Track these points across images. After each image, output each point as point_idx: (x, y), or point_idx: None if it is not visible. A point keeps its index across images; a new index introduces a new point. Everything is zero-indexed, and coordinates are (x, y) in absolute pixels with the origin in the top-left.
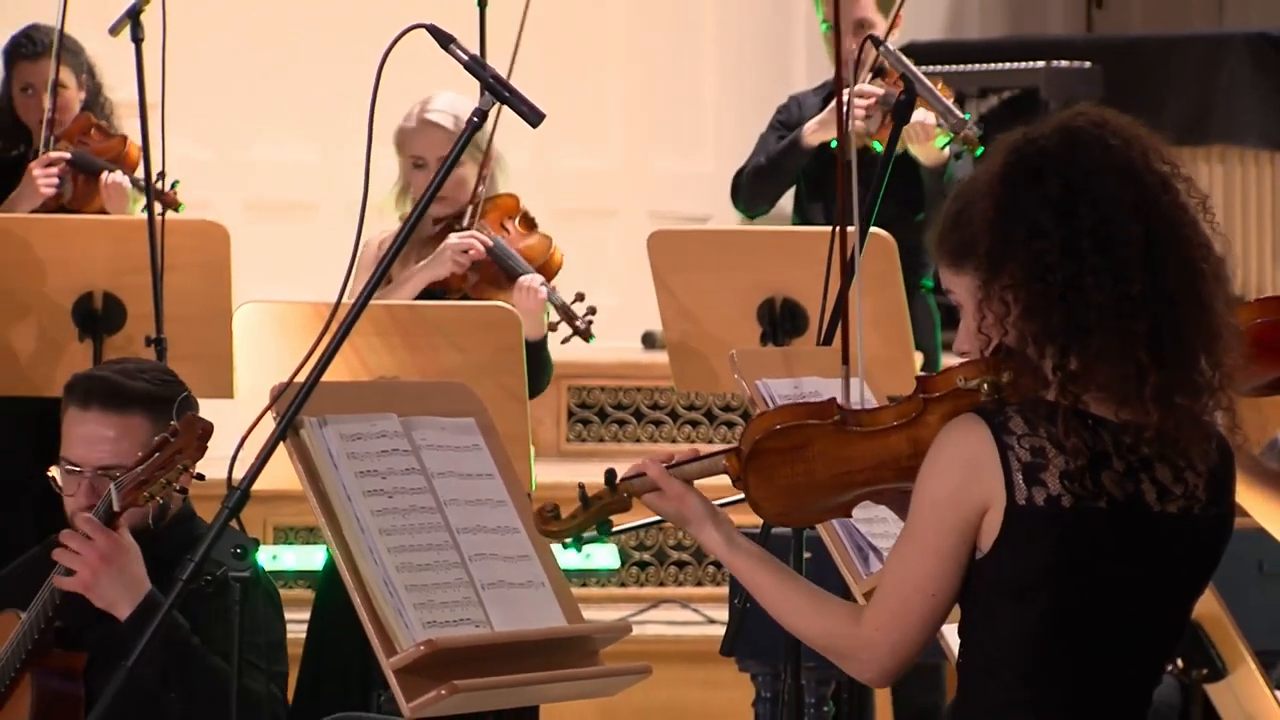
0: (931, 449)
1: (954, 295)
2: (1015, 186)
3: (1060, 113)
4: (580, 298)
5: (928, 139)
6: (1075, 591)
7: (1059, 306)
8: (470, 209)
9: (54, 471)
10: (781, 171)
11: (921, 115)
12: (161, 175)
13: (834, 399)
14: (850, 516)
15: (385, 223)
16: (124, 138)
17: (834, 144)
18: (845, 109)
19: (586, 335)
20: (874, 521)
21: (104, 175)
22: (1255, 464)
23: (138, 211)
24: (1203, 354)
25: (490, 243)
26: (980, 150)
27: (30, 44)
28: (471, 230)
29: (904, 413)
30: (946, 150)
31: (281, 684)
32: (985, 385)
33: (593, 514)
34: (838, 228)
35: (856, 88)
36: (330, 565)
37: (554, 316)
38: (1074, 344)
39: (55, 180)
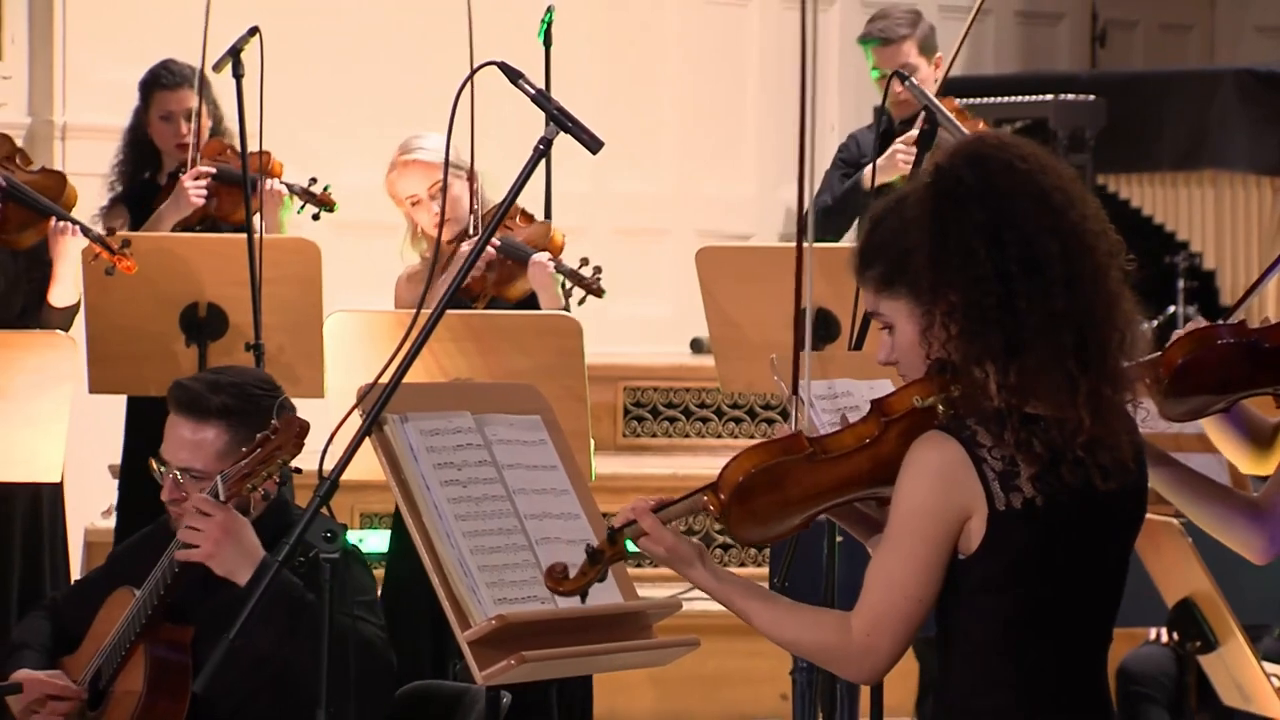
0: (907, 465)
1: (882, 316)
2: (944, 219)
3: (963, 140)
4: (585, 262)
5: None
6: (1048, 578)
7: (996, 327)
8: (470, 220)
9: (153, 462)
10: (846, 210)
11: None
12: (314, 180)
13: (800, 432)
14: (809, 529)
15: (408, 256)
16: (264, 152)
17: (896, 182)
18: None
19: (599, 291)
20: None
21: (265, 184)
22: (1187, 474)
23: (292, 214)
24: (1119, 351)
25: (498, 242)
26: None
27: (169, 75)
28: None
29: (865, 434)
30: None
31: (386, 634)
32: (940, 403)
33: (598, 570)
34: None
35: (903, 139)
36: (396, 548)
37: (565, 283)
38: (1012, 359)
39: (204, 191)
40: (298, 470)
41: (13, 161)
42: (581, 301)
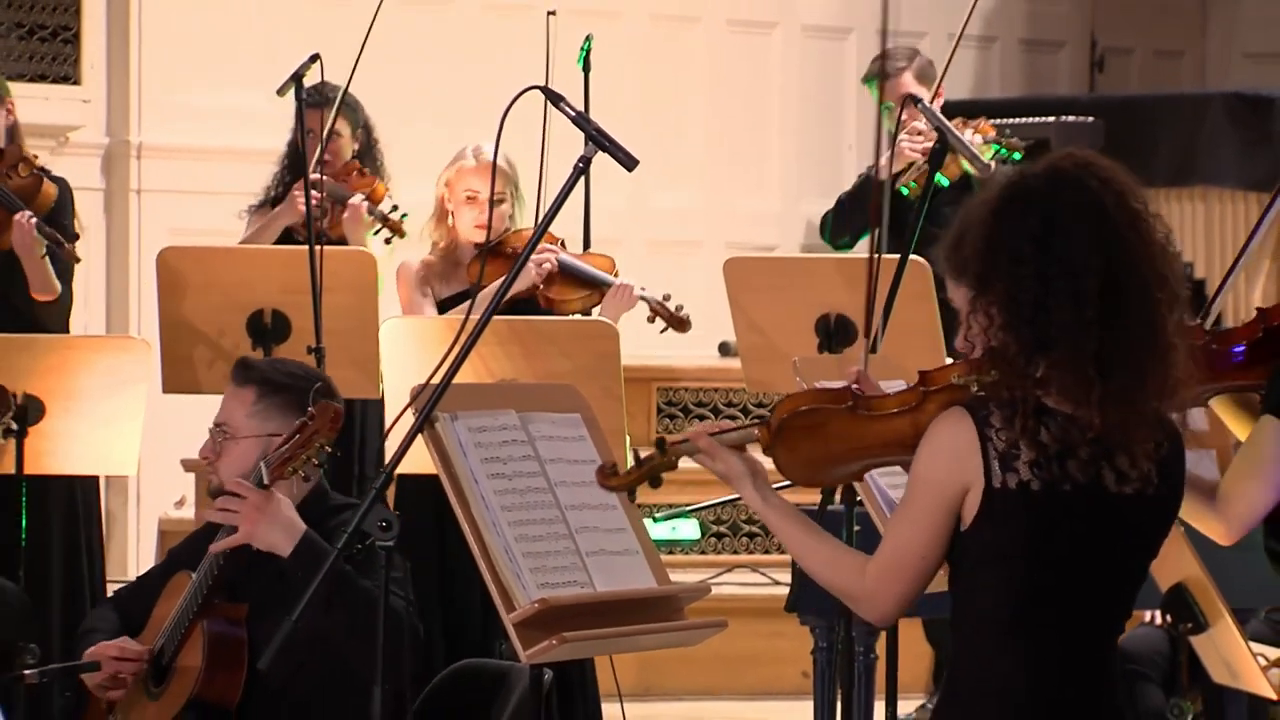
0: (925, 435)
1: (954, 302)
2: (1003, 219)
3: (1054, 154)
4: (668, 297)
5: (976, 160)
6: (1048, 560)
7: (1029, 323)
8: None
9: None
10: (858, 204)
11: (970, 136)
12: (395, 208)
13: (849, 386)
14: (861, 481)
15: (424, 247)
16: (375, 180)
17: (904, 190)
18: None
19: (684, 324)
20: (900, 489)
21: (350, 203)
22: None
23: (373, 235)
24: (1150, 367)
25: (558, 260)
26: (1019, 155)
27: (317, 95)
28: (546, 247)
29: (906, 401)
30: (990, 158)
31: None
32: (974, 383)
33: (644, 472)
34: (877, 256)
35: (906, 130)
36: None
37: (647, 312)
38: (1037, 355)
39: (317, 199)
40: (336, 453)
41: (15, 170)
42: (663, 331)
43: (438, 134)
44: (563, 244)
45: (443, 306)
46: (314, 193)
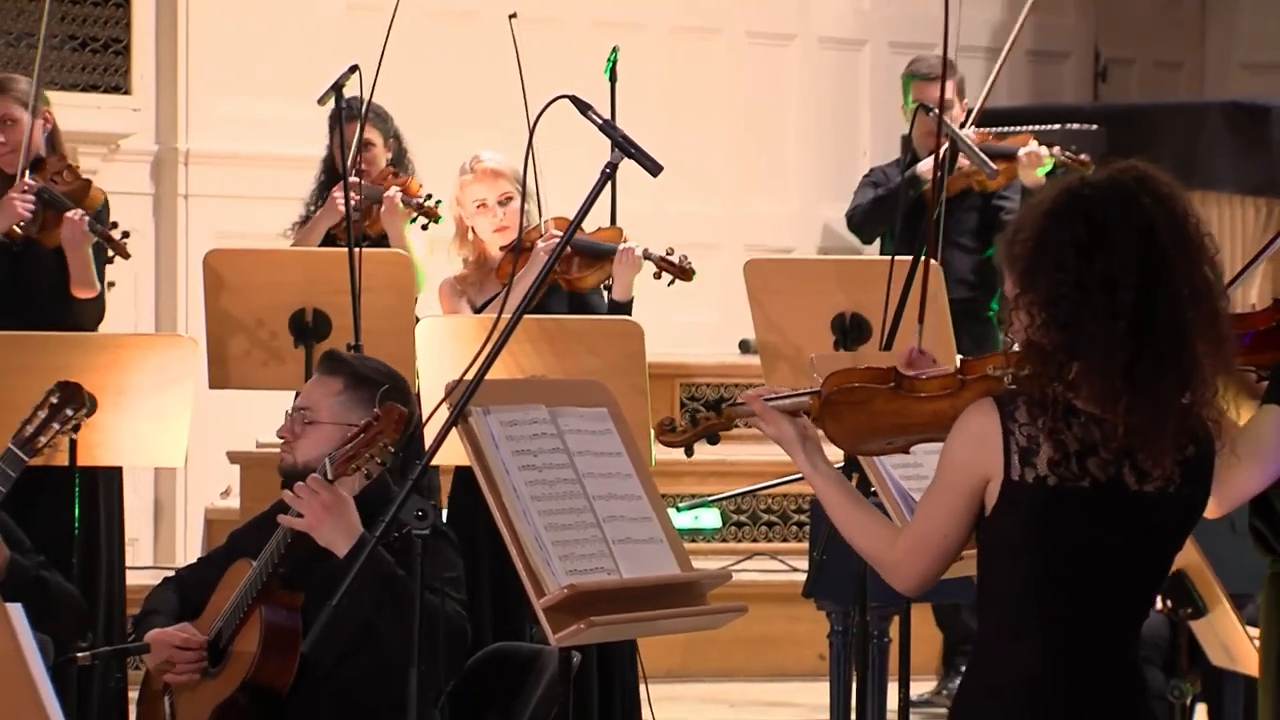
0: (956, 423)
1: (1008, 291)
2: (1054, 221)
3: (1117, 163)
4: (671, 251)
5: (1036, 165)
6: (1065, 553)
7: (1062, 328)
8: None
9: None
10: (897, 198)
11: (1033, 146)
12: (429, 195)
13: (894, 367)
14: (909, 453)
15: (453, 265)
16: (409, 177)
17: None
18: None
19: (688, 273)
20: (914, 479)
21: (386, 196)
22: None
23: (409, 225)
24: (1175, 383)
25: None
26: (1091, 168)
27: (351, 109)
28: (548, 235)
29: (944, 385)
30: (1049, 169)
31: (466, 608)
32: (1008, 376)
33: (701, 430)
34: (894, 258)
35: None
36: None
37: (653, 269)
38: (1069, 359)
39: (355, 200)
40: (398, 454)
41: (60, 175)
42: (670, 283)
43: (467, 141)
44: (563, 223)
45: (482, 311)
46: (352, 195)
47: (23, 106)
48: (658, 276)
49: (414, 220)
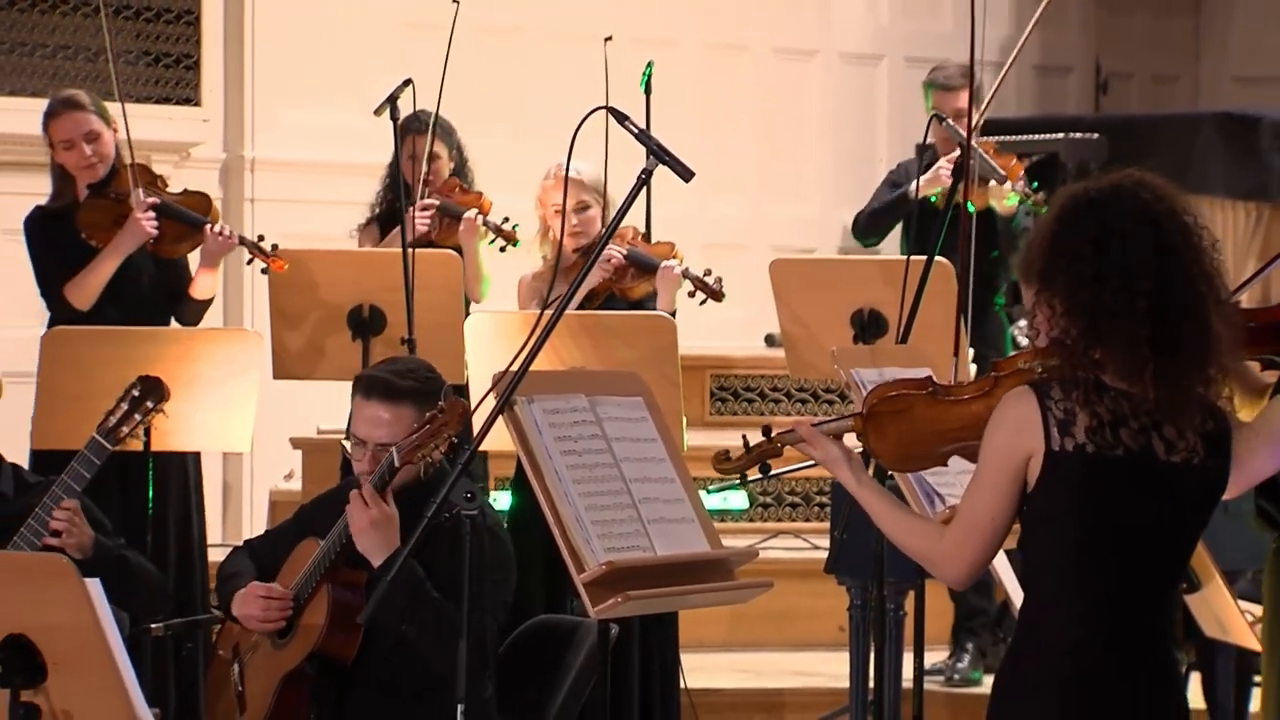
0: (995, 411)
1: (1028, 304)
2: (1066, 223)
3: (1115, 172)
4: (708, 272)
5: (1002, 197)
6: (1103, 517)
7: (1086, 314)
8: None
9: (346, 443)
10: (892, 213)
11: (997, 185)
12: (506, 219)
13: (929, 376)
14: (946, 466)
15: (533, 260)
16: (480, 194)
17: (932, 199)
18: (961, 174)
19: (719, 295)
20: (937, 473)
21: (465, 216)
22: None
23: (488, 244)
24: (1197, 354)
25: (625, 251)
26: (1044, 209)
27: (417, 122)
28: (611, 244)
29: (981, 387)
30: (1015, 204)
31: (504, 613)
32: (1039, 367)
33: (753, 457)
34: (908, 257)
35: (946, 157)
36: (516, 507)
37: (689, 288)
38: (1095, 340)
39: (428, 220)
40: (460, 444)
41: (155, 185)
42: (703, 303)
43: (513, 149)
44: (636, 233)
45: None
46: (427, 215)
47: (100, 119)
48: (692, 295)
49: (491, 241)
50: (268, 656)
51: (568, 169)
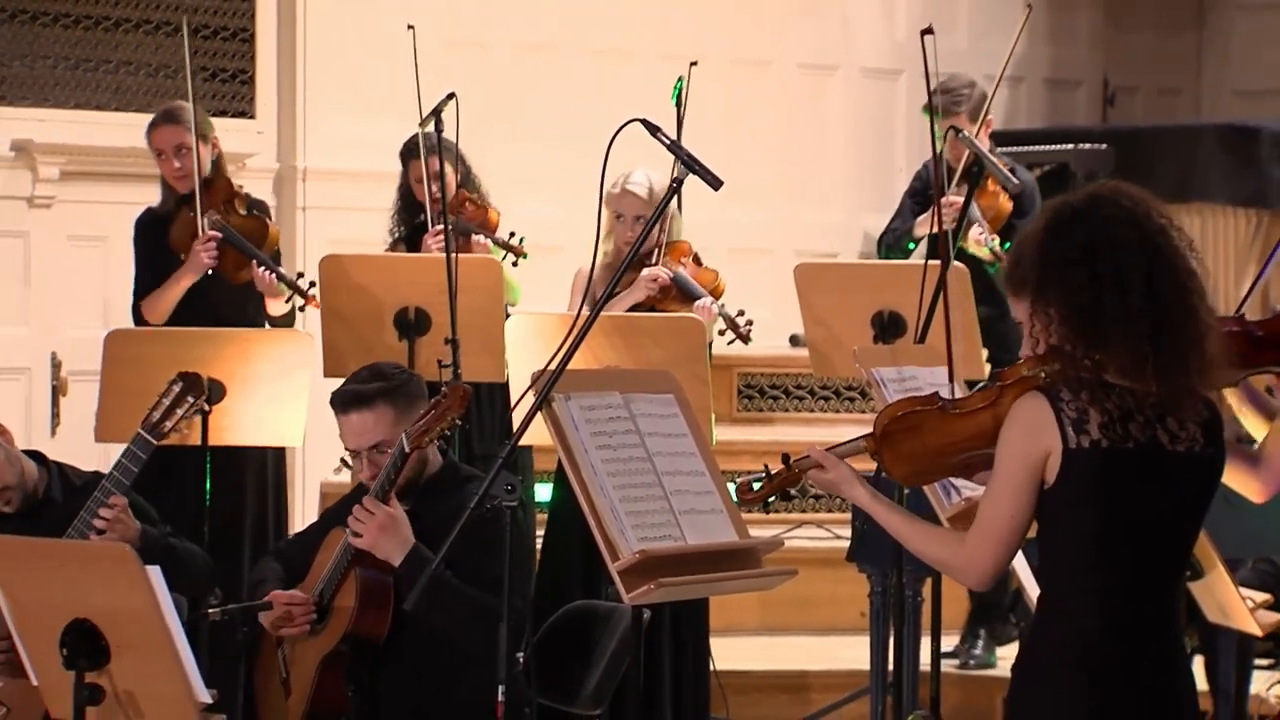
0: (1008, 416)
1: (1017, 316)
2: (1054, 234)
3: (1090, 184)
4: (741, 313)
5: (977, 248)
6: (1118, 507)
7: (1086, 316)
8: (656, 250)
9: (344, 455)
10: (899, 245)
11: (975, 233)
12: (512, 234)
13: (936, 392)
14: (957, 476)
15: (588, 256)
16: (488, 207)
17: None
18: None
19: (746, 339)
20: None
21: (474, 238)
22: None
23: (501, 258)
24: (1191, 346)
25: (672, 274)
26: (995, 267)
27: (418, 146)
28: (658, 265)
29: (987, 397)
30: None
31: (528, 599)
32: (1043, 373)
33: (775, 485)
34: (927, 263)
35: (946, 198)
36: (557, 499)
37: (722, 325)
38: (1095, 342)
39: (442, 247)
40: (465, 426)
41: (230, 205)
42: (730, 342)
43: (547, 158)
44: (696, 257)
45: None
46: (438, 239)
47: (194, 134)
48: (722, 333)
49: (503, 258)
50: (307, 642)
51: (603, 181)
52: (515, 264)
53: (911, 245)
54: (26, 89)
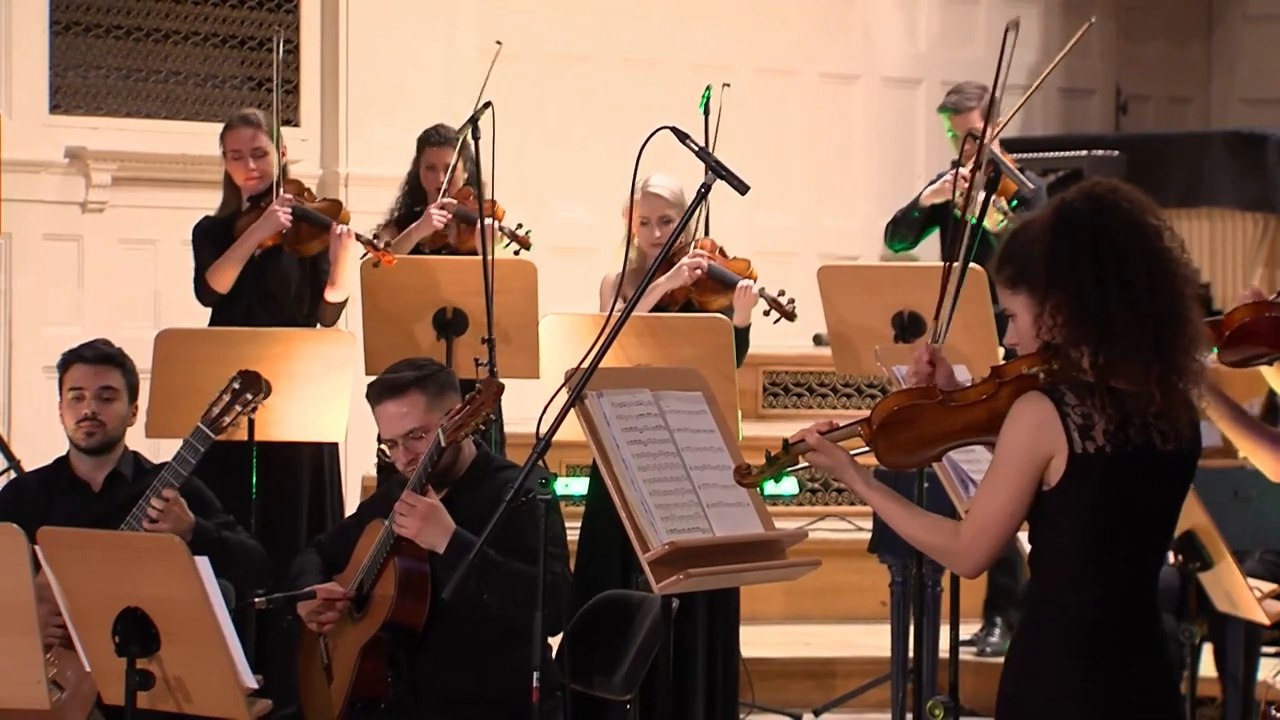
0: (1010, 415)
1: (1008, 307)
2: (1058, 236)
3: (1084, 183)
4: (782, 292)
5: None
6: (1118, 507)
7: (1093, 321)
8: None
9: (382, 446)
10: (907, 218)
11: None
12: (520, 225)
13: (934, 385)
14: (941, 462)
15: (616, 263)
16: (493, 202)
17: (956, 214)
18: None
19: (791, 316)
20: (972, 462)
21: (487, 222)
22: (1239, 412)
23: (501, 249)
24: (1186, 351)
25: (708, 265)
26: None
27: (437, 135)
28: (697, 253)
29: (984, 391)
30: (1003, 226)
31: (566, 565)
32: (1042, 372)
33: (774, 468)
34: (945, 264)
35: (961, 171)
36: (592, 491)
37: (765, 306)
38: (1103, 346)
39: (445, 218)
40: (496, 420)
41: (301, 196)
42: (776, 321)
43: (584, 164)
44: (721, 250)
45: None
46: (444, 214)
47: (270, 138)
48: (766, 314)
49: (506, 245)
50: (348, 631)
51: (633, 188)
52: (517, 253)
53: (916, 214)
54: (80, 98)
